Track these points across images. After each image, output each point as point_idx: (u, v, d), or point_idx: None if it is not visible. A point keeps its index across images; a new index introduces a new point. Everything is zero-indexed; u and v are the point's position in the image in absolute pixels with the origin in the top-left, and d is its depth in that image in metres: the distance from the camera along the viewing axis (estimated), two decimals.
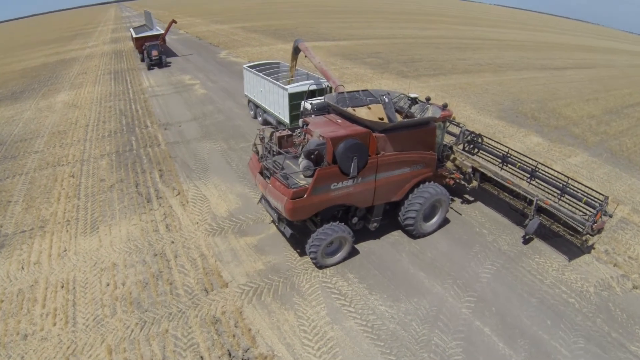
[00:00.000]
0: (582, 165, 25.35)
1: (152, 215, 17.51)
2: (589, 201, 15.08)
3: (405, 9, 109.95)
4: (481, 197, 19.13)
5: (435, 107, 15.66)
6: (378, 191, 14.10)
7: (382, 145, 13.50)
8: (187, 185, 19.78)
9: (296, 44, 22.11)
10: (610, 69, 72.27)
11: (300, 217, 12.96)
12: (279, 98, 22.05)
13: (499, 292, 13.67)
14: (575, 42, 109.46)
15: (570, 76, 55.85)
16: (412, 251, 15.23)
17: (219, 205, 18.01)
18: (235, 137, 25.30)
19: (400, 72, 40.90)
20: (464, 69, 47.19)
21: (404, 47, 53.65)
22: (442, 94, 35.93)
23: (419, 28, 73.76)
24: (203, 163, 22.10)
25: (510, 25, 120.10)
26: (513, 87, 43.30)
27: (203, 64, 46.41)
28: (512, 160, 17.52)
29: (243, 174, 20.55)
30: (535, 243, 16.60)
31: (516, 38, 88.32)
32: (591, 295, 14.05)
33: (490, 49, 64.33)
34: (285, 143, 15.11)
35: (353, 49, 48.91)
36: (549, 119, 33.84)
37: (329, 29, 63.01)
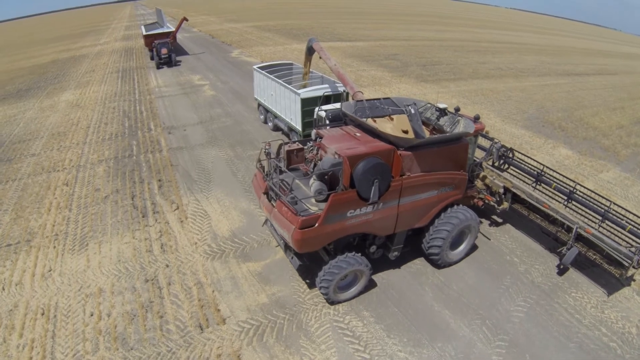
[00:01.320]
0: (615, 182, 23.48)
1: (147, 232, 16.05)
2: (633, 230, 13.30)
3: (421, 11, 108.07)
4: (510, 219, 17.40)
5: (467, 120, 13.76)
6: (401, 217, 12.36)
7: (407, 165, 11.71)
8: (187, 199, 18.30)
9: (310, 43, 20.43)
10: (632, 75, 69.73)
11: (310, 249, 11.23)
12: (291, 103, 20.50)
13: (534, 335, 12.02)
14: (594, 47, 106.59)
15: (593, 83, 53.69)
16: (437, 284, 13.55)
17: (220, 223, 16.47)
18: (243, 143, 23.83)
19: (420, 76, 39.16)
20: (484, 73, 45.28)
21: (422, 50, 51.86)
22: (464, 100, 34.12)
23: (436, 30, 71.79)
24: (206, 173, 20.63)
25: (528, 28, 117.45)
26: (536, 94, 41.34)
27: (214, 63, 45.24)
28: (547, 180, 15.73)
29: (249, 187, 18.99)
30: (571, 273, 14.91)
31: (535, 42, 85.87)
32: (634, 337, 12.51)
33: (510, 53, 62.21)
34: (295, 158, 13.25)
35: (369, 51, 47.35)
36: (577, 130, 31.88)
37: (345, 29, 61.63)
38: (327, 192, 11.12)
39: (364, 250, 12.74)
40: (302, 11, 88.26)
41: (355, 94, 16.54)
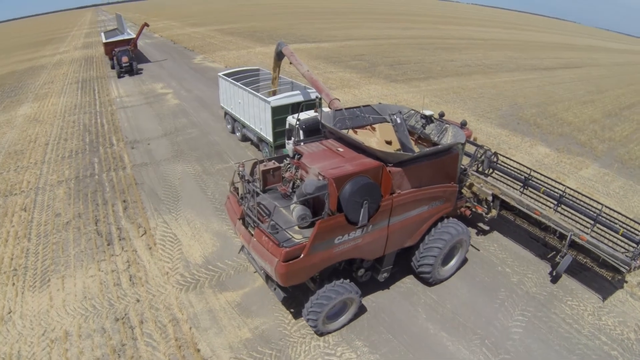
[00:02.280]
0: (595, 179, 24.04)
1: (114, 263, 15.03)
2: (626, 233, 13.37)
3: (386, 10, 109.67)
4: (497, 226, 17.36)
5: (455, 128, 13.45)
6: (391, 238, 11.85)
7: (398, 182, 11.16)
8: (155, 221, 17.35)
9: (279, 48, 19.82)
10: (597, 68, 72.85)
11: (296, 282, 10.55)
12: (260, 112, 19.83)
13: (535, 351, 11.86)
14: (558, 40, 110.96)
15: (561, 77, 55.61)
16: (429, 303, 13.19)
17: (192, 249, 15.61)
18: (211, 156, 23.00)
19: (389, 76, 39.32)
20: (454, 71, 45.96)
21: (388, 49, 52.35)
22: (436, 99, 34.38)
23: (402, 28, 72.90)
24: (174, 191, 19.69)
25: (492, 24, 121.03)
26: (508, 90, 42.29)
27: (177, 71, 44.29)
28: (535, 184, 15.69)
29: (220, 206, 18.21)
30: (564, 280, 14.95)
31: (500, 37, 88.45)
32: (633, 343, 12.63)
33: (476, 49, 63.63)
34: (271, 178, 12.54)
35: (336, 52, 47.42)
36: (552, 126, 32.65)
37: (309, 30, 61.76)
38: (311, 217, 10.52)
39: (350, 274, 12.22)
40: (265, 13, 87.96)
41: (331, 102, 16.01)
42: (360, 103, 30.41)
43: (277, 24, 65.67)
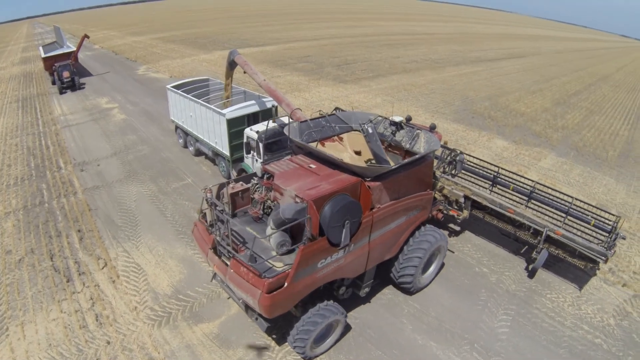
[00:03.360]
0: (555, 169, 25.67)
1: (76, 301, 14.21)
2: (598, 223, 14.38)
3: (328, 9, 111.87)
4: (467, 225, 18.10)
5: (428, 133, 13.89)
6: (372, 254, 12.04)
7: (377, 196, 11.31)
8: (115, 251, 16.63)
9: (232, 57, 19.59)
10: (540, 56, 78.11)
11: (281, 312, 10.42)
12: (215, 125, 19.57)
13: (524, 349, 12.48)
14: (500, 31, 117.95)
15: (507, 67, 59.04)
16: (413, 313, 13.52)
17: (158, 278, 15.07)
18: (165, 174, 22.43)
19: (337, 77, 40.21)
20: (401, 67, 47.59)
21: (333, 48, 53.56)
22: (388, 98, 35.40)
23: (344, 27, 74.75)
24: (131, 215, 18.99)
25: (434, 18, 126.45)
26: (457, 84, 44.30)
27: (121, 83, 43.15)
28: (504, 181, 16.52)
29: (182, 228, 17.78)
30: (540, 274, 15.86)
31: (444, 31, 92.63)
32: (614, 329, 13.65)
33: (421, 44, 66.23)
34: (240, 201, 12.39)
35: (281, 54, 47.91)
36: (506, 118, 34.54)
37: (252, 33, 62.05)
38: (290, 243, 10.42)
39: (331, 292, 12.29)
40: (205, 18, 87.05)
41: (293, 113, 15.90)
42: (312, 107, 30.85)
43: (218, 29, 65.39)
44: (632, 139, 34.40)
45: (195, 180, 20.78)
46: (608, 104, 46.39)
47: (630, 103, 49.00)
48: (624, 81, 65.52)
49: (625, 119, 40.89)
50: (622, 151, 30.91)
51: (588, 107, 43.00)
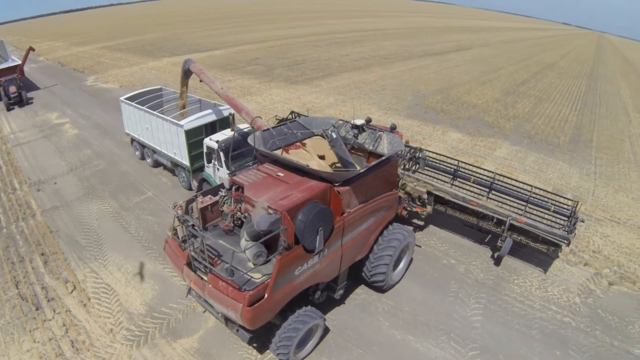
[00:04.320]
0: (510, 158, 27.27)
1: (49, 329, 13.81)
2: (558, 209, 15.58)
3: (274, 10, 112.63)
4: (430, 219, 18.98)
5: (390, 134, 14.68)
6: (345, 256, 12.66)
7: (347, 201, 11.91)
8: (83, 273, 16.29)
9: (187, 65, 19.65)
10: (486, 48, 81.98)
11: (262, 322, 10.79)
12: (172, 136, 19.62)
13: (498, 335, 13.42)
14: (444, 24, 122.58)
15: (454, 60, 61.65)
16: (388, 310, 14.18)
17: (131, 297, 14.95)
18: (125, 189, 22.13)
19: (288, 78, 40.88)
20: (351, 65, 48.82)
21: (282, 50, 54.33)
22: (340, 97, 36.30)
23: (291, 27, 75.80)
24: (94, 235, 18.64)
25: (379, 13, 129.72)
26: (408, 79, 45.89)
27: (70, 96, 41.81)
28: (464, 174, 17.55)
29: (148, 243, 17.68)
30: (506, 260, 16.96)
31: (390, 26, 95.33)
32: (580, 307, 14.93)
33: (368, 41, 68.01)
34: (210, 215, 12.64)
35: (229, 58, 48.17)
36: (458, 110, 36.23)
37: (199, 38, 61.88)
38: (267, 253, 10.79)
39: (307, 297, 12.71)
40: (150, 24, 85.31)
41: (254, 121, 16.20)
42: (266, 110, 31.26)
43: (164, 34, 64.54)
44: (580, 124, 36.96)
45: (156, 193, 20.74)
46: (555, 91, 49.48)
47: (576, 89, 52.47)
48: (568, 68, 69.91)
49: (573, 105, 43.81)
50: (572, 136, 33.20)
51: (537, 95, 45.72)
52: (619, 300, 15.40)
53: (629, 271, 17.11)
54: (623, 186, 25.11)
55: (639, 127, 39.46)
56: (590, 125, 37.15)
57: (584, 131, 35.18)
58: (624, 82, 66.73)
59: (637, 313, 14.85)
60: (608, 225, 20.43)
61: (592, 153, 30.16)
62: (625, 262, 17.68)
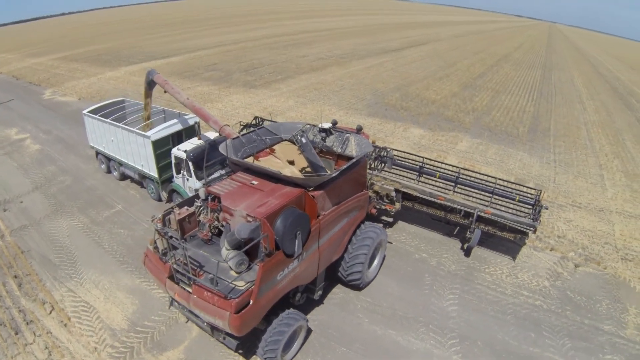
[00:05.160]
0: (472, 151, 28.51)
1: (31, 353, 13.50)
2: (522, 199, 16.55)
3: (227, 13, 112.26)
4: (399, 215, 19.78)
5: (357, 136, 15.39)
6: (322, 258, 13.29)
7: (321, 204, 12.56)
8: (60, 293, 16.03)
9: (150, 76, 19.64)
10: (440, 42, 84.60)
11: (249, 328, 11.21)
12: (140, 148, 19.62)
13: (475, 322, 14.25)
14: (397, 20, 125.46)
15: (410, 56, 63.41)
16: (366, 307, 14.78)
17: (111, 313, 14.90)
18: (94, 204, 21.84)
19: (247, 83, 41.24)
20: (308, 66, 49.57)
21: (238, 54, 54.66)
22: (300, 99, 36.88)
23: (246, 30, 76.07)
24: (67, 252, 18.33)
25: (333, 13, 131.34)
26: (365, 78, 46.94)
27: (28, 111, 40.40)
28: (430, 170, 18.35)
29: (123, 257, 17.60)
30: (476, 251, 17.91)
31: (344, 25, 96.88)
32: (549, 290, 16.04)
33: (324, 41, 69.02)
34: (188, 225, 12.88)
35: (187, 65, 48.10)
36: (418, 107, 37.45)
37: (155, 45, 61.19)
38: (248, 260, 11.19)
39: (287, 300, 13.14)
40: (105, 33, 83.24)
41: (222, 130, 16.49)
42: (228, 117, 31.50)
43: (120, 43, 63.36)
44: (537, 114, 38.89)
45: (125, 206, 20.68)
46: (511, 82, 51.73)
47: (531, 80, 54.98)
48: (522, 59, 73.02)
49: (529, 95, 45.97)
50: (530, 126, 34.93)
51: (493, 87, 47.70)
52: (585, 281, 16.60)
53: (593, 252, 18.37)
54: (582, 172, 26.73)
55: (594, 114, 41.87)
56: (547, 115, 39.15)
57: (542, 121, 37.05)
58: (577, 71, 70.30)
59: (603, 291, 16.06)
60: (570, 210, 21.76)
61: (550, 142, 31.86)
62: (589, 245, 18.96)
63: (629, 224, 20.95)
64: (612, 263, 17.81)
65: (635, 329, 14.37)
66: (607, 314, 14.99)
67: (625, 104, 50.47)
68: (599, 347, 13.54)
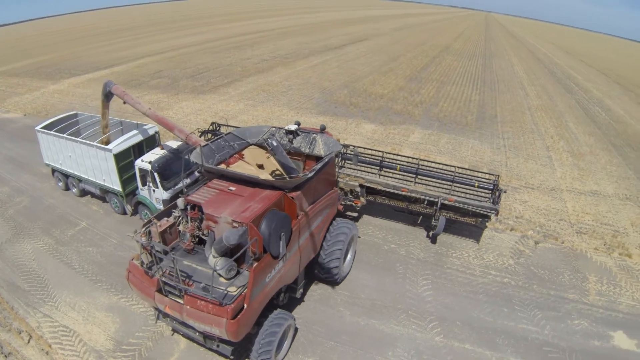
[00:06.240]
0: (424, 142, 29.78)
1: None
2: (481, 184, 17.71)
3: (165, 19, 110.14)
4: (364, 210, 20.55)
5: (324, 136, 16.04)
6: (303, 256, 13.88)
7: (299, 204, 13.19)
8: (35, 319, 15.42)
9: (108, 88, 19.22)
10: (381, 37, 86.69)
11: (245, 333, 11.51)
12: (100, 162, 19.27)
13: (450, 304, 15.24)
14: (336, 17, 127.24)
15: (353, 52, 64.77)
16: (346, 300, 15.43)
17: (93, 334, 14.56)
18: (57, 223, 21.04)
19: (195, 88, 41.08)
20: (254, 68, 49.83)
21: (182, 59, 54.32)
22: (250, 102, 37.17)
23: (187, 35, 75.33)
24: (36, 276, 17.56)
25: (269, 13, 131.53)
26: (312, 77, 47.68)
27: None
28: (390, 164, 19.24)
29: (96, 276, 17.19)
30: (441, 238, 18.97)
31: (284, 24, 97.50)
32: (514, 267, 17.37)
33: (266, 42, 69.40)
34: (169, 237, 12.99)
35: (132, 74, 47.20)
36: (367, 102, 38.55)
37: (97, 54, 59.41)
38: (236, 266, 11.54)
39: (272, 301, 13.52)
40: (44, 44, 79.03)
41: (189, 138, 16.58)
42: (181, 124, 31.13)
43: (60, 54, 60.79)
44: (483, 102, 40.93)
45: (90, 223, 20.24)
46: (455, 73, 53.97)
47: (473, 69, 57.55)
48: (463, 49, 76.09)
49: (473, 84, 48.19)
50: (478, 114, 36.78)
51: (438, 79, 49.64)
52: (546, 256, 18.03)
53: (550, 229, 19.85)
54: (531, 155, 28.55)
55: (536, 99, 44.49)
56: (493, 102, 41.29)
57: (488, 108, 39.06)
58: (516, 58, 74.08)
59: (563, 264, 17.51)
60: (524, 191, 23.30)
61: (498, 128, 33.73)
62: (545, 222, 20.45)
63: (580, 200, 22.70)
64: (569, 237, 19.34)
65: (596, 295, 15.86)
66: (569, 284, 16.41)
67: (565, 87, 53.88)
68: (566, 315, 14.87)
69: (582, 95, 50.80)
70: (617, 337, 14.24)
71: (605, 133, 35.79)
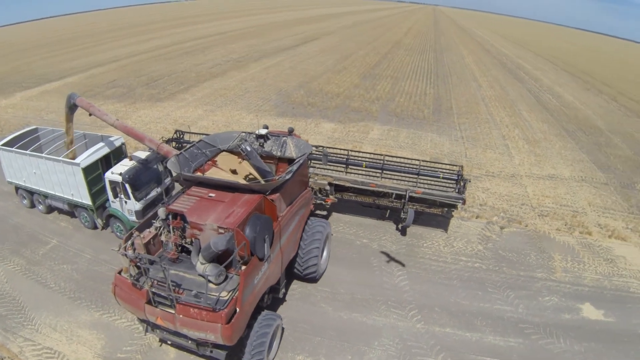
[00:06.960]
0: (384, 137, 30.60)
1: None
2: (446, 175, 18.54)
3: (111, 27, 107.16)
4: (332, 207, 21.15)
5: (294, 138, 16.50)
6: (284, 256, 14.36)
7: (279, 206, 13.66)
8: (17, 343, 14.85)
9: (72, 100, 18.80)
10: (333, 35, 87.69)
11: (239, 336, 11.78)
12: (68, 177, 18.90)
13: (427, 292, 15.99)
14: (285, 17, 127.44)
15: (306, 52, 65.35)
16: (327, 296, 15.91)
17: (80, 354, 14.22)
18: (26, 243, 20.28)
19: (151, 96, 40.64)
20: (208, 73, 49.65)
21: (135, 67, 53.48)
22: (209, 107, 37.10)
23: (135, 42, 73.78)
24: (11, 299, 16.85)
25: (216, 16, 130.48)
26: (267, 79, 47.91)
27: None
28: (356, 161, 19.90)
29: (73, 293, 16.82)
30: (411, 229, 19.75)
31: (234, 27, 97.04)
32: (483, 252, 18.36)
33: (216, 46, 69.02)
34: (153, 247, 13.04)
35: (85, 84, 46.04)
36: (324, 101, 39.20)
37: (47, 65, 57.28)
38: (225, 271, 11.74)
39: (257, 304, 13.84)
40: None
41: (160, 148, 16.61)
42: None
43: (8, 67, 58.23)
44: (438, 95, 42.28)
45: (61, 240, 19.75)
46: (408, 68, 55.36)
47: (425, 64, 59.16)
48: (413, 44, 77.94)
49: (427, 79, 49.61)
50: (434, 108, 38.02)
51: (392, 75, 50.83)
52: (512, 239, 19.13)
53: (513, 214, 20.98)
54: (489, 144, 29.84)
55: (489, 90, 46.27)
56: (447, 95, 42.70)
57: (443, 101, 40.39)
58: (466, 50, 76.47)
59: (529, 246, 18.64)
60: (486, 180, 24.40)
61: (455, 120, 35.01)
62: (508, 208, 21.58)
63: (539, 185, 24.01)
64: (532, 220, 20.51)
65: (563, 272, 17.04)
66: (537, 263, 17.52)
67: (515, 77, 56.17)
68: (537, 292, 15.93)
69: (532, 83, 53.22)
70: (585, 309, 15.37)
71: (557, 119, 37.75)
